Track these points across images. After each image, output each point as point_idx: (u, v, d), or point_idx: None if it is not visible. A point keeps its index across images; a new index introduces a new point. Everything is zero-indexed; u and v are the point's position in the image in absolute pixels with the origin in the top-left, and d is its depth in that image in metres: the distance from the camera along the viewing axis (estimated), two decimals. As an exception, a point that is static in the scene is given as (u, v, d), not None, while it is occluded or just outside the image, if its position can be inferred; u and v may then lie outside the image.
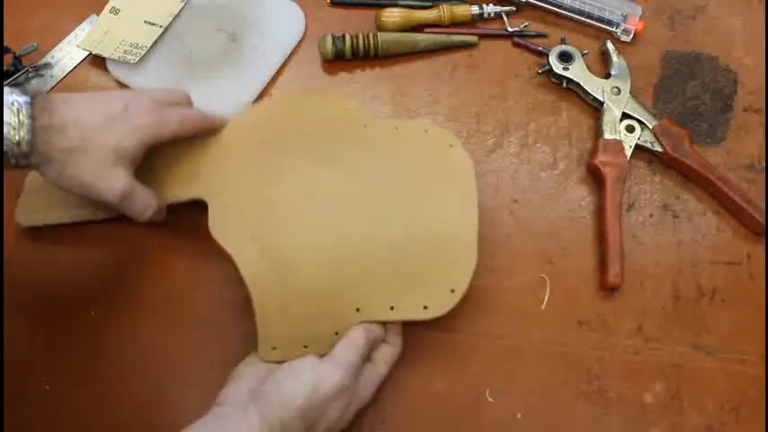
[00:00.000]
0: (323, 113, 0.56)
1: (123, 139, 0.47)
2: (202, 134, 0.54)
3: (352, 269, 0.49)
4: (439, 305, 0.49)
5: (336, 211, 0.51)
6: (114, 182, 0.48)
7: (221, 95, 0.61)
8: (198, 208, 0.52)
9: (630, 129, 0.60)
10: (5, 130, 0.44)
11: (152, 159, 0.53)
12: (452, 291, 0.49)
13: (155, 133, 0.49)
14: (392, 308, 0.49)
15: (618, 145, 0.59)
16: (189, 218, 0.56)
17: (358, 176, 0.53)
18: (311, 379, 0.44)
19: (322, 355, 0.47)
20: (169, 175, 0.54)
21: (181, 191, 0.54)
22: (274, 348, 0.49)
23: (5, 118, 0.44)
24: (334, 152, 0.54)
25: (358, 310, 0.49)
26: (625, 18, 0.64)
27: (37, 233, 0.56)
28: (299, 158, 0.53)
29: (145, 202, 0.50)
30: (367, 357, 0.49)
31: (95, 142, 0.46)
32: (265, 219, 0.51)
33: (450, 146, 0.54)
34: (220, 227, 0.50)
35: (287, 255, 0.50)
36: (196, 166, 0.54)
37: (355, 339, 0.47)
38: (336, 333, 0.48)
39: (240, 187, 0.53)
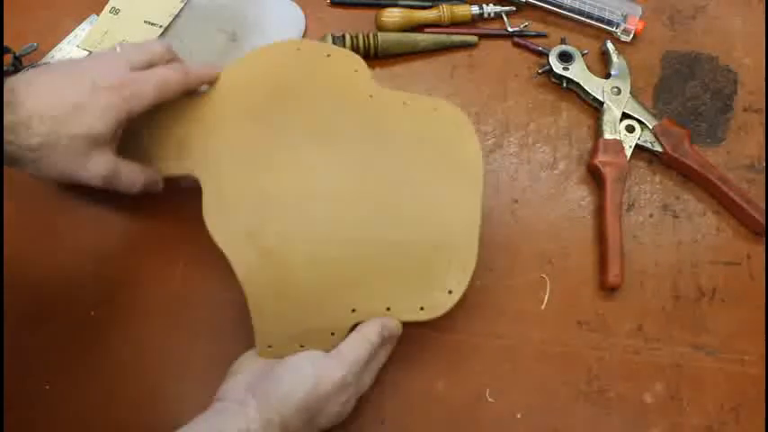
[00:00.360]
0: (325, 75, 0.53)
1: (94, 125, 0.44)
2: (191, 92, 0.51)
3: (348, 269, 0.48)
4: (435, 306, 0.48)
5: (334, 209, 0.49)
6: (94, 168, 0.46)
7: (221, 95, 0.61)
8: (197, 206, 0.52)
9: (630, 129, 0.60)
10: None
11: (137, 124, 0.50)
12: (450, 292, 0.48)
13: (129, 108, 0.46)
14: (388, 308, 0.48)
15: (618, 145, 0.59)
16: (189, 218, 0.56)
17: (358, 166, 0.50)
18: (312, 375, 0.44)
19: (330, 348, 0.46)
20: (158, 143, 0.51)
21: (173, 163, 0.51)
22: (270, 347, 0.48)
23: None
24: (333, 130, 0.51)
25: (354, 310, 0.48)
26: (625, 18, 0.64)
27: (37, 233, 0.56)
28: (296, 135, 0.51)
29: (130, 179, 0.49)
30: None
31: (64, 134, 0.43)
32: (260, 215, 0.49)
33: (460, 128, 0.52)
34: (215, 220, 0.49)
35: (282, 254, 0.48)
36: (185, 131, 0.51)
37: (369, 335, 0.46)
38: (333, 334, 0.48)
39: (233, 171, 0.50)
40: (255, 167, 0.50)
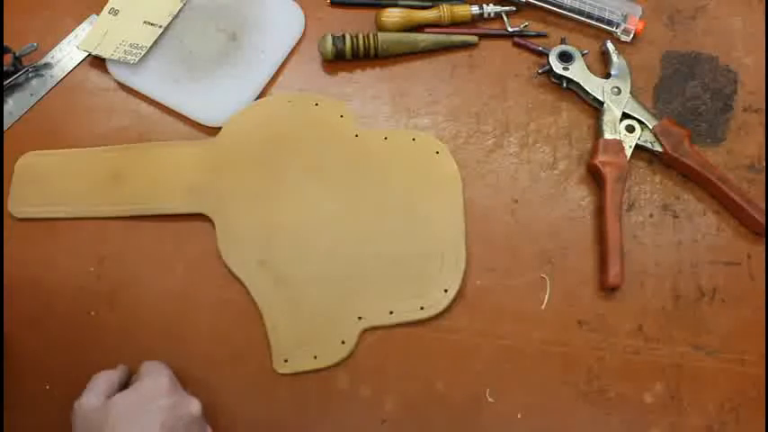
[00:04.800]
0: (315, 122, 0.59)
1: None
2: (198, 144, 0.57)
3: (352, 283, 0.54)
4: (434, 305, 0.53)
5: (333, 233, 0.55)
6: None
7: (221, 95, 0.61)
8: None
9: (630, 129, 0.60)
10: None
11: (149, 166, 0.57)
12: (446, 291, 0.54)
13: None
14: (391, 312, 0.53)
15: (618, 145, 0.59)
16: (188, 219, 0.57)
17: (350, 194, 0.56)
18: None
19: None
20: (171, 185, 0.57)
21: (182, 203, 0.57)
22: (286, 361, 0.52)
23: None
24: (326, 167, 0.57)
25: (360, 318, 0.53)
26: (625, 18, 0.64)
27: (37, 233, 0.56)
28: (294, 174, 0.57)
29: None
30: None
31: None
32: (268, 246, 0.55)
33: (437, 153, 0.58)
34: (228, 252, 0.55)
35: (292, 278, 0.54)
36: (195, 176, 0.57)
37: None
38: (343, 342, 0.52)
39: (240, 209, 0.56)
40: (260, 204, 0.56)
